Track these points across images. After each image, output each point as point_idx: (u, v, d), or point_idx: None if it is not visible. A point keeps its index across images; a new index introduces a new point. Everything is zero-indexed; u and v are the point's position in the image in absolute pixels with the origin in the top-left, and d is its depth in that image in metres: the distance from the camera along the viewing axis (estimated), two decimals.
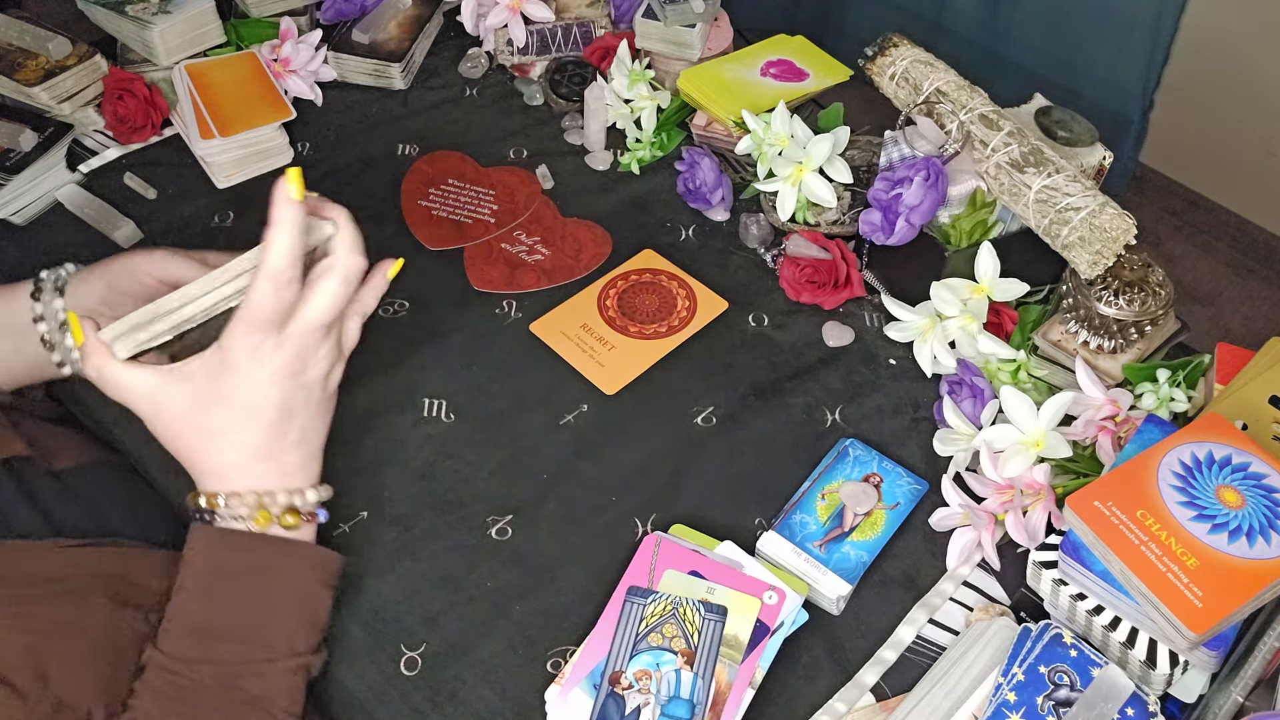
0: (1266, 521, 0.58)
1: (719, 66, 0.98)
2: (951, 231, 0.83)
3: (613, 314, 0.87)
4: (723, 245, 0.94)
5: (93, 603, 0.60)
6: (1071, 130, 0.86)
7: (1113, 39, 1.71)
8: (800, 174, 0.87)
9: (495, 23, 1.09)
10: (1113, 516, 0.60)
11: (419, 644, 0.68)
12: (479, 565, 0.72)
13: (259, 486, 0.61)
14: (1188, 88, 1.77)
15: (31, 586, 0.59)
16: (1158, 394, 0.73)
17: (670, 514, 0.74)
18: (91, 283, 0.70)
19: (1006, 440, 0.69)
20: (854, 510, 0.72)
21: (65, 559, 0.62)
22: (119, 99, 0.99)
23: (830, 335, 0.86)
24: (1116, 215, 0.74)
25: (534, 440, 0.79)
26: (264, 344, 0.59)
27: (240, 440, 0.61)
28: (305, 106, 1.06)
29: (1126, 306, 0.74)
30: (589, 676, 0.63)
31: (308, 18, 1.13)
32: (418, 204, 0.97)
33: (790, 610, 0.65)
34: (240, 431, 0.60)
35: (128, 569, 0.64)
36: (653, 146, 1.01)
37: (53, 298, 0.69)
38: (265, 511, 0.61)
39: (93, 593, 0.60)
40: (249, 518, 0.61)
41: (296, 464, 0.63)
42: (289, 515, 0.62)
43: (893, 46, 0.88)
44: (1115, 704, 0.60)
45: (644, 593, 0.66)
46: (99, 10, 1.05)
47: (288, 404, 0.61)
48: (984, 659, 0.64)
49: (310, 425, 0.63)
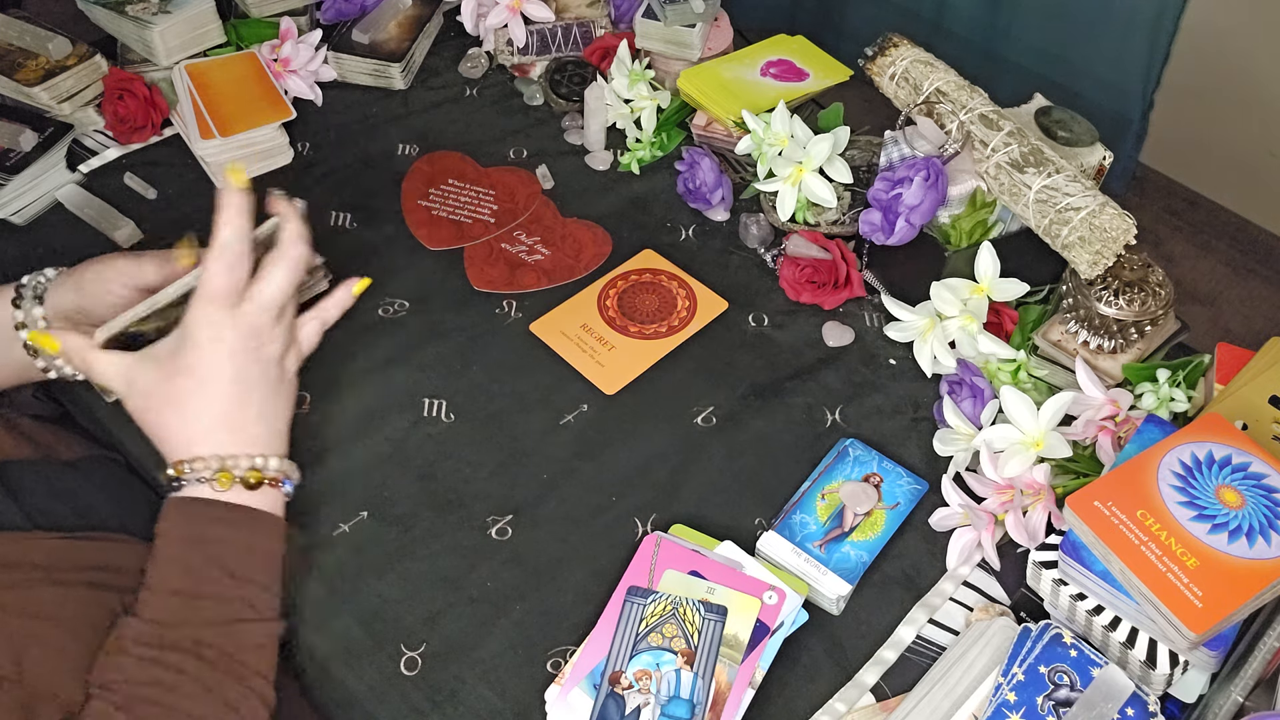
0: (1266, 521, 0.58)
1: (719, 66, 0.98)
2: (951, 231, 0.83)
3: (613, 314, 0.87)
4: (723, 245, 0.94)
5: (72, 592, 0.61)
6: (1071, 130, 0.86)
7: (1113, 39, 1.71)
8: (800, 174, 0.87)
9: (495, 23, 1.09)
10: (1113, 516, 0.60)
11: (419, 644, 0.68)
12: (479, 565, 0.72)
13: (222, 451, 0.64)
14: (1188, 88, 1.77)
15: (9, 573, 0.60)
16: (1158, 394, 0.73)
17: (670, 514, 0.74)
18: (66, 290, 0.72)
19: (1006, 440, 0.69)
20: (854, 510, 0.72)
21: (45, 549, 0.63)
22: (119, 99, 0.99)
23: (830, 335, 0.86)
24: (1116, 215, 0.74)
25: (534, 440, 0.79)
26: (220, 318, 0.64)
27: (202, 409, 0.64)
28: (305, 106, 1.06)
29: (1126, 306, 0.74)
30: (589, 676, 0.63)
31: (308, 18, 1.13)
32: (418, 204, 0.97)
33: (790, 610, 0.65)
34: (202, 400, 0.64)
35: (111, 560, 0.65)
36: (653, 146, 1.01)
37: (32, 305, 0.71)
38: (227, 473, 0.64)
39: (73, 582, 0.62)
40: (212, 479, 0.63)
41: (259, 436, 0.66)
42: (251, 475, 0.65)
43: (893, 46, 0.88)
44: (1115, 704, 0.60)
45: (644, 593, 0.66)
46: (99, 10, 1.05)
47: (244, 377, 0.65)
48: (984, 659, 0.64)
49: (268, 402, 0.67)
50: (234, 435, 0.65)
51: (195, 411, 0.64)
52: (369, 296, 0.84)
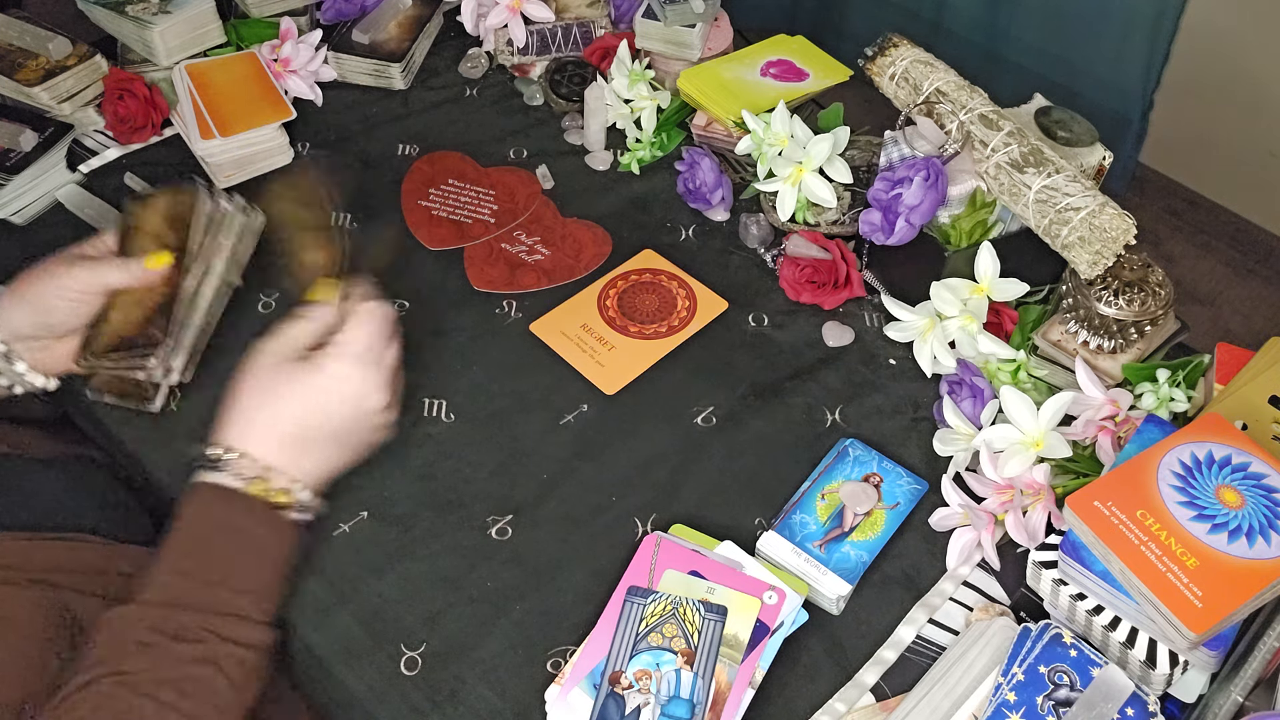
0: (1266, 521, 0.58)
1: (719, 66, 0.98)
2: (951, 231, 0.83)
3: (613, 314, 0.87)
4: (723, 245, 0.94)
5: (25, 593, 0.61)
6: (1071, 130, 0.86)
7: (1113, 39, 1.71)
8: (800, 174, 0.87)
9: (495, 23, 1.09)
10: (1113, 516, 0.60)
11: (419, 644, 0.68)
12: (479, 565, 0.72)
13: (270, 461, 0.67)
14: (1188, 88, 1.77)
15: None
16: (1158, 394, 0.73)
17: (670, 514, 0.74)
18: (18, 312, 0.73)
19: (1006, 440, 0.69)
20: (854, 510, 0.72)
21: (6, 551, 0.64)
22: (119, 99, 0.99)
23: (830, 335, 0.86)
24: (1116, 215, 0.74)
25: (534, 440, 0.79)
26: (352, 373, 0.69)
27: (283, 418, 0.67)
28: (305, 106, 1.06)
29: (1126, 306, 0.74)
30: (589, 676, 0.63)
31: (308, 18, 1.13)
32: (418, 204, 0.97)
33: (790, 610, 0.65)
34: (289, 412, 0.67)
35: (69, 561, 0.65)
36: (653, 146, 1.01)
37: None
38: (264, 481, 0.66)
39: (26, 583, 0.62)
40: (247, 479, 0.66)
41: (308, 469, 0.69)
42: (279, 494, 0.67)
43: (893, 46, 0.88)
44: (1115, 704, 0.60)
45: (644, 593, 0.66)
46: (99, 10, 1.05)
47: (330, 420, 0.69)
48: (984, 659, 0.64)
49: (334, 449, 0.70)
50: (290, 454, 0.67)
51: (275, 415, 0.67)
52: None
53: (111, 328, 0.74)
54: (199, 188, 0.81)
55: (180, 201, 0.80)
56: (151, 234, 0.78)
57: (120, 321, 0.74)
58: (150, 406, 0.78)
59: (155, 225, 0.79)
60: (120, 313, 0.75)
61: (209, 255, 0.80)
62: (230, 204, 0.82)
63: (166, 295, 0.76)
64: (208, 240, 0.80)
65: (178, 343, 0.76)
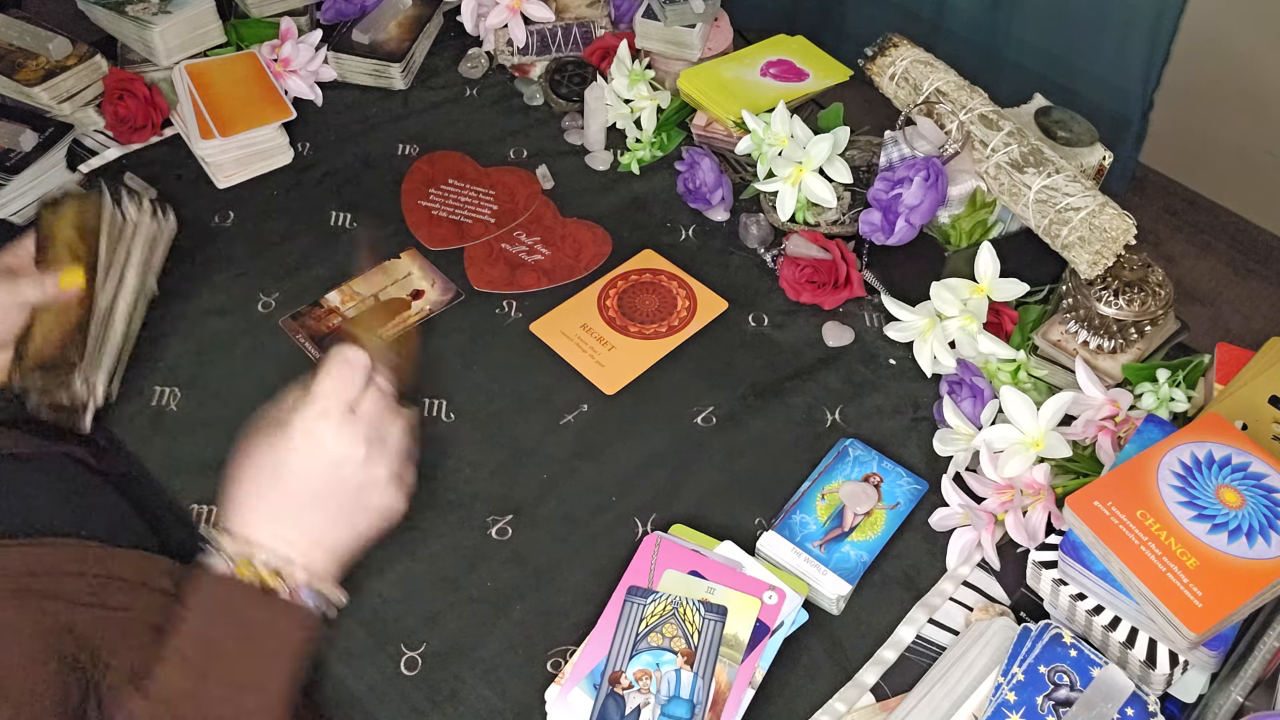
0: (1266, 521, 0.58)
1: (719, 66, 0.98)
2: (951, 231, 0.83)
3: (613, 314, 0.87)
4: (723, 245, 0.94)
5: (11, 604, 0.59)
6: (1071, 130, 0.86)
7: (1113, 39, 1.71)
8: (800, 174, 0.87)
9: (495, 23, 1.09)
10: (1113, 516, 0.60)
11: (419, 644, 0.68)
12: (479, 565, 0.72)
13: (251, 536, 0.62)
14: (1188, 88, 1.77)
15: None
16: (1158, 394, 0.73)
17: (670, 514, 0.74)
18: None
19: (1006, 440, 0.69)
20: (854, 510, 0.72)
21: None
22: (119, 99, 0.99)
23: (830, 335, 0.86)
24: (1116, 215, 0.74)
25: (534, 440, 0.79)
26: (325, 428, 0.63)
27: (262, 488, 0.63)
28: (305, 106, 1.06)
29: (1126, 306, 0.74)
30: (589, 676, 0.63)
31: (308, 18, 1.13)
32: (418, 204, 0.97)
33: (790, 610, 0.65)
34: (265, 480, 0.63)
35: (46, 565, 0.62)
36: (653, 146, 1.01)
37: None
38: (248, 560, 0.61)
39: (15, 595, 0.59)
40: (234, 559, 0.61)
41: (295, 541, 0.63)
42: (271, 577, 0.61)
43: (893, 46, 0.88)
44: (1115, 704, 0.60)
45: (644, 593, 0.66)
46: (99, 10, 1.05)
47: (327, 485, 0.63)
48: (984, 659, 0.64)
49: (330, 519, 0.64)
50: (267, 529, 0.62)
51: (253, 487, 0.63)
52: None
53: (35, 346, 0.73)
54: (104, 195, 0.79)
55: (87, 210, 0.78)
56: (65, 243, 0.77)
57: (41, 340, 0.73)
58: (80, 426, 0.76)
59: (67, 235, 0.77)
60: (41, 329, 0.74)
61: (120, 266, 0.79)
62: (138, 211, 0.81)
63: (81, 316, 0.75)
64: (118, 251, 0.79)
65: (96, 365, 0.76)
